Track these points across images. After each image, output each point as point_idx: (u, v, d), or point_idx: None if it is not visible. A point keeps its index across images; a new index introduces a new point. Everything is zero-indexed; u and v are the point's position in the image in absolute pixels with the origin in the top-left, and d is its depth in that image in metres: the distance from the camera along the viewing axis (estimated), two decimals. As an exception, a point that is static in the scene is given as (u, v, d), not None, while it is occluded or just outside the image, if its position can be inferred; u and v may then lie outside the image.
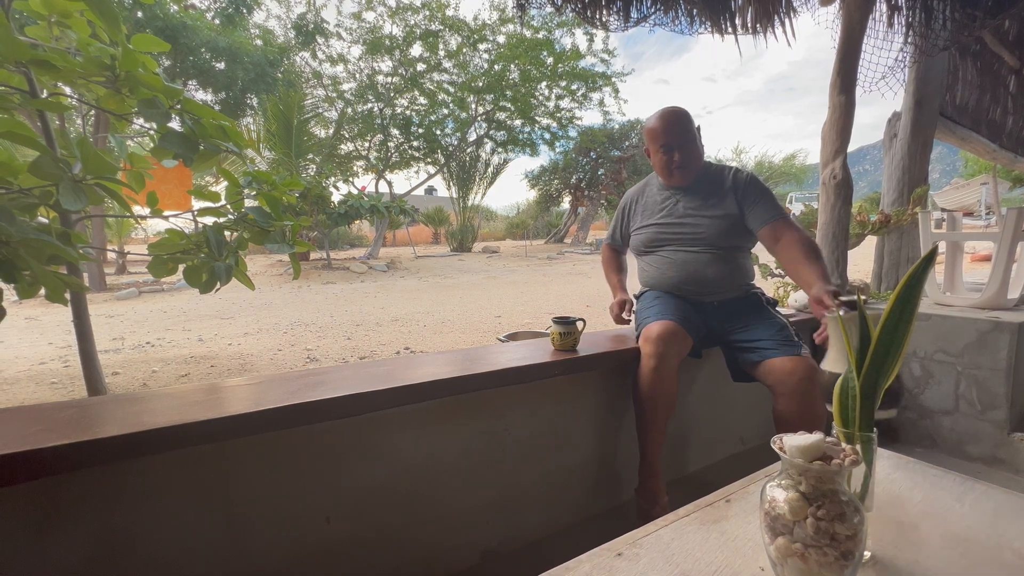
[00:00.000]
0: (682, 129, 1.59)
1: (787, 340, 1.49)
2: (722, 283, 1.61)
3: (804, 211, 2.79)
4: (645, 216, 1.74)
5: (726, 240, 1.60)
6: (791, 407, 1.40)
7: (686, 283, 1.63)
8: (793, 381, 1.39)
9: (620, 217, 1.87)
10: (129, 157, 1.49)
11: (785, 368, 1.41)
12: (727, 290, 1.63)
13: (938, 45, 2.43)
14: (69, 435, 0.84)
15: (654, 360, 1.42)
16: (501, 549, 1.38)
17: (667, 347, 1.43)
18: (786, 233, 1.52)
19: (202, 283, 1.53)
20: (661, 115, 1.61)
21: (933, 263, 0.65)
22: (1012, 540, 0.68)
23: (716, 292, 1.62)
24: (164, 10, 8.96)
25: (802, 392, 1.38)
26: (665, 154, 1.61)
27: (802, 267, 1.44)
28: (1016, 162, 3.73)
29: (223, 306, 6.82)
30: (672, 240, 1.66)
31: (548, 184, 20.97)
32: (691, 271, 1.61)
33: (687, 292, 1.64)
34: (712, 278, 1.60)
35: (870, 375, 0.64)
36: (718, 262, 1.60)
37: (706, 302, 1.64)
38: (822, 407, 1.39)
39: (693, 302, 1.64)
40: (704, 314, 1.63)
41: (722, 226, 1.59)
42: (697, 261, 1.61)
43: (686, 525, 0.72)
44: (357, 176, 17.06)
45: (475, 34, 14.51)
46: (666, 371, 1.43)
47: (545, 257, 15.12)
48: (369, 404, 1.10)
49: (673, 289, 1.66)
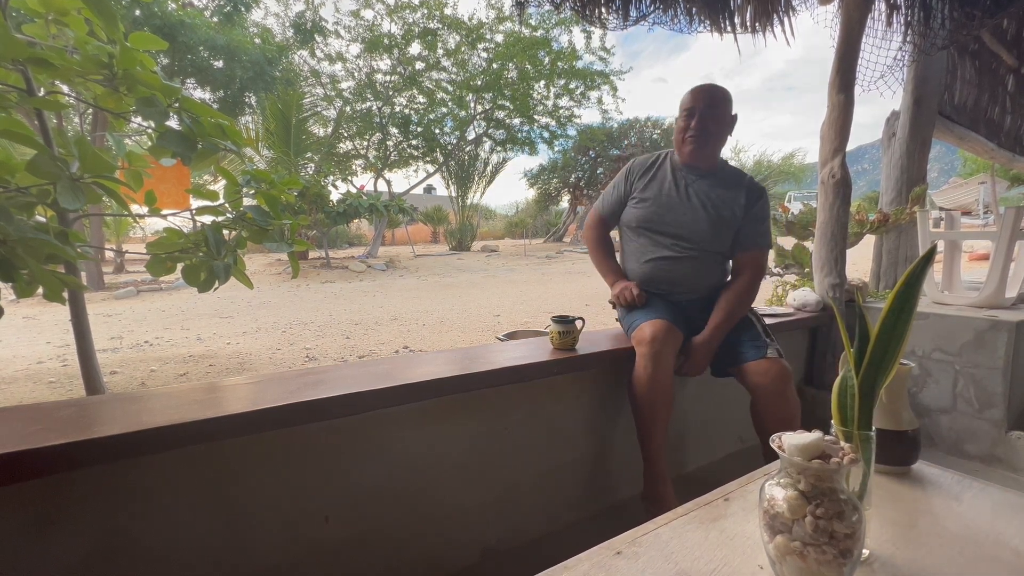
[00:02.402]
0: (710, 101, 1.56)
1: (757, 341, 1.53)
2: (697, 284, 1.63)
3: (803, 210, 2.80)
4: (652, 187, 1.65)
5: (717, 244, 1.60)
6: (766, 407, 1.45)
7: (661, 279, 1.63)
8: (766, 382, 1.44)
9: (621, 181, 1.72)
10: (127, 156, 1.49)
11: (759, 370, 1.46)
12: (701, 291, 1.63)
13: (937, 44, 2.43)
14: (68, 434, 0.84)
15: (651, 361, 1.42)
16: (500, 547, 1.38)
17: (663, 346, 1.43)
18: (746, 270, 1.60)
19: (201, 282, 1.52)
20: (697, 87, 1.60)
21: (931, 262, 0.65)
22: (1010, 538, 0.68)
23: (687, 292, 1.63)
24: (162, 8, 8.93)
25: (775, 393, 1.43)
26: (685, 120, 1.59)
27: (718, 307, 1.56)
28: (1014, 161, 3.73)
29: (222, 305, 6.81)
30: (664, 230, 1.60)
31: (547, 183, 20.94)
32: (669, 268, 1.61)
33: (661, 288, 1.64)
34: (687, 278, 1.61)
35: (869, 374, 0.64)
36: (700, 263, 1.60)
37: (682, 300, 1.64)
38: (796, 405, 1.46)
39: (664, 297, 1.64)
40: (682, 310, 1.63)
41: (721, 227, 1.58)
42: (679, 260, 1.60)
43: (685, 524, 0.72)
44: (356, 175, 17.06)
45: (473, 33, 14.48)
46: (663, 370, 1.43)
47: (544, 256, 15.11)
48: (368, 403, 1.10)
49: (647, 282, 1.64)
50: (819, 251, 2.25)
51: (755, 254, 1.61)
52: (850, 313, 2.17)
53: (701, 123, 1.55)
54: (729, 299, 1.56)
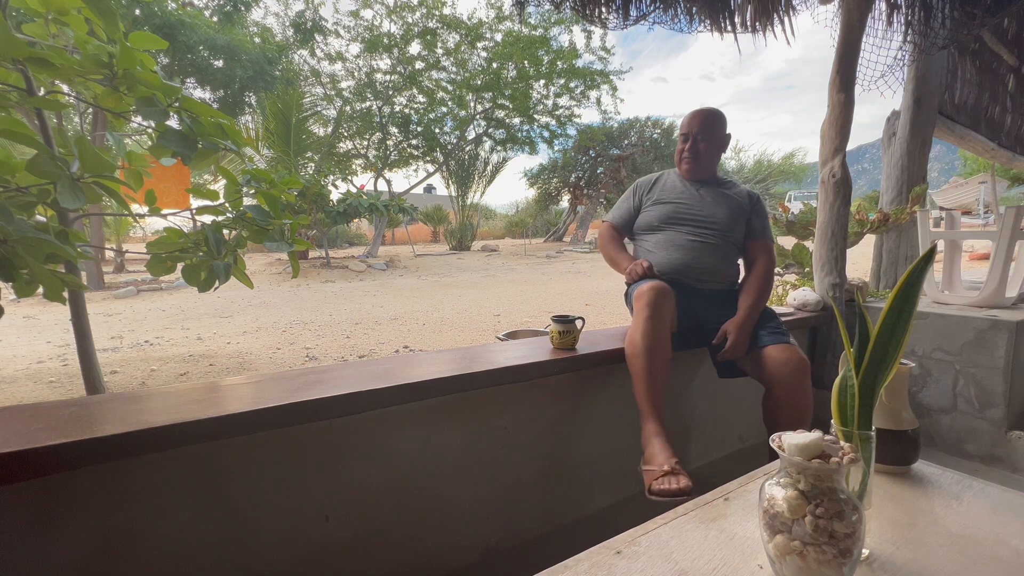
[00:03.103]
0: (704, 124, 1.73)
1: (778, 329, 1.54)
2: (718, 272, 1.68)
3: (803, 209, 2.79)
4: (664, 195, 1.79)
5: (734, 232, 1.70)
6: (784, 397, 1.41)
7: (688, 266, 1.65)
8: (787, 371, 1.41)
9: (630, 196, 1.86)
10: (127, 155, 1.49)
11: (779, 358, 1.43)
12: (721, 281, 1.69)
13: (937, 44, 2.43)
14: (69, 434, 0.84)
15: (648, 309, 1.40)
16: (501, 547, 1.38)
17: (660, 299, 1.43)
18: (761, 256, 1.71)
19: (201, 281, 1.53)
20: (693, 111, 1.77)
21: (932, 261, 0.65)
22: (1010, 538, 0.68)
23: (711, 280, 1.68)
24: (162, 7, 8.92)
25: (794, 384, 1.40)
26: (682, 142, 1.77)
27: (747, 291, 1.63)
28: (1014, 160, 3.73)
29: (222, 304, 6.81)
30: (687, 220, 1.71)
31: (547, 182, 20.94)
32: (696, 255, 1.66)
33: (688, 276, 1.66)
34: (712, 266, 1.67)
35: (869, 373, 0.64)
36: (721, 251, 1.68)
37: (700, 288, 1.66)
38: (812, 398, 1.42)
39: (686, 289, 1.65)
40: (696, 302, 1.64)
41: (735, 216, 1.70)
42: (704, 247, 1.67)
43: (685, 523, 0.72)
44: (356, 174, 17.05)
45: (472, 32, 14.48)
46: (660, 323, 1.40)
47: (544, 256, 15.11)
48: (368, 402, 1.10)
49: (672, 271, 1.66)
50: (819, 250, 2.25)
51: (766, 243, 1.73)
52: (850, 313, 2.17)
53: (694, 145, 1.74)
54: (754, 283, 1.64)
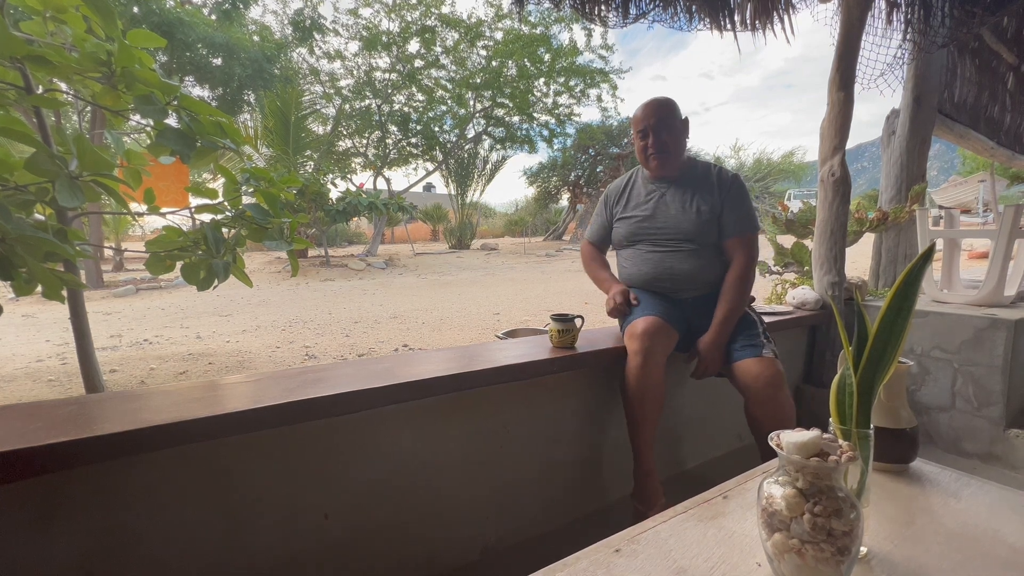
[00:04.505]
0: (660, 116, 1.61)
1: (753, 340, 1.51)
2: (695, 279, 1.61)
3: (802, 208, 2.80)
4: (629, 207, 1.72)
5: (706, 236, 1.60)
6: (758, 410, 1.43)
7: (660, 279, 1.63)
8: (760, 385, 1.41)
9: (602, 209, 1.81)
10: (126, 154, 1.49)
11: (751, 371, 1.44)
12: (701, 287, 1.62)
13: (937, 42, 2.43)
14: (68, 432, 0.84)
15: (640, 356, 1.43)
16: (500, 545, 1.39)
17: (653, 342, 1.43)
18: (734, 257, 1.59)
19: (200, 280, 1.52)
20: (643, 103, 1.65)
21: (931, 260, 0.65)
22: (1008, 536, 0.68)
23: (690, 288, 1.62)
24: (160, 5, 8.90)
25: (768, 397, 1.41)
26: (641, 139, 1.65)
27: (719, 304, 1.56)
28: (1014, 159, 3.73)
29: (221, 303, 6.81)
30: (650, 236, 1.65)
31: (547, 181, 20.91)
32: (666, 267, 1.62)
33: (663, 288, 1.64)
34: (687, 273, 1.60)
35: (867, 372, 0.64)
36: (694, 257, 1.60)
37: (682, 298, 1.64)
38: (790, 407, 1.43)
39: (671, 299, 1.64)
40: (683, 310, 1.63)
41: (704, 221, 1.60)
42: (674, 257, 1.61)
43: (684, 521, 0.72)
44: (355, 173, 17.04)
45: (472, 30, 14.45)
46: (653, 366, 1.43)
47: (544, 254, 15.11)
48: (368, 401, 1.10)
49: (647, 285, 1.66)
50: (818, 249, 2.25)
51: (743, 239, 1.60)
52: (849, 311, 2.17)
53: (658, 141, 1.61)
54: (726, 292, 1.56)
